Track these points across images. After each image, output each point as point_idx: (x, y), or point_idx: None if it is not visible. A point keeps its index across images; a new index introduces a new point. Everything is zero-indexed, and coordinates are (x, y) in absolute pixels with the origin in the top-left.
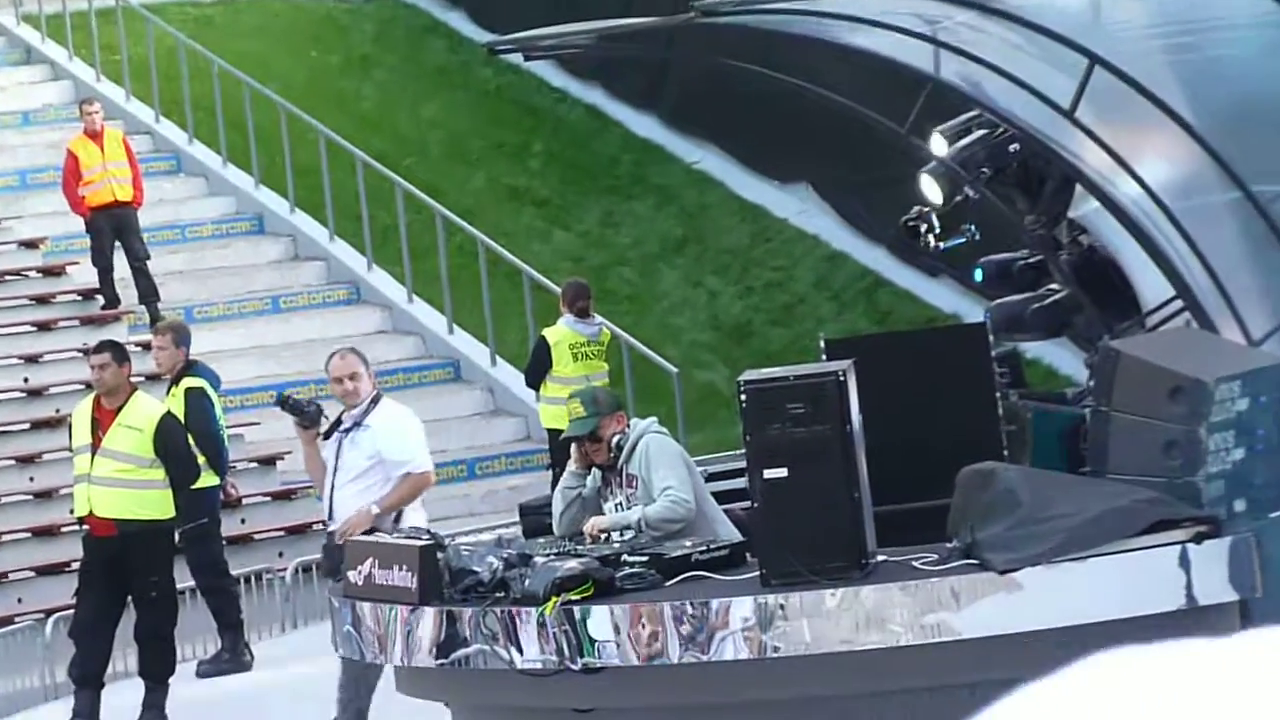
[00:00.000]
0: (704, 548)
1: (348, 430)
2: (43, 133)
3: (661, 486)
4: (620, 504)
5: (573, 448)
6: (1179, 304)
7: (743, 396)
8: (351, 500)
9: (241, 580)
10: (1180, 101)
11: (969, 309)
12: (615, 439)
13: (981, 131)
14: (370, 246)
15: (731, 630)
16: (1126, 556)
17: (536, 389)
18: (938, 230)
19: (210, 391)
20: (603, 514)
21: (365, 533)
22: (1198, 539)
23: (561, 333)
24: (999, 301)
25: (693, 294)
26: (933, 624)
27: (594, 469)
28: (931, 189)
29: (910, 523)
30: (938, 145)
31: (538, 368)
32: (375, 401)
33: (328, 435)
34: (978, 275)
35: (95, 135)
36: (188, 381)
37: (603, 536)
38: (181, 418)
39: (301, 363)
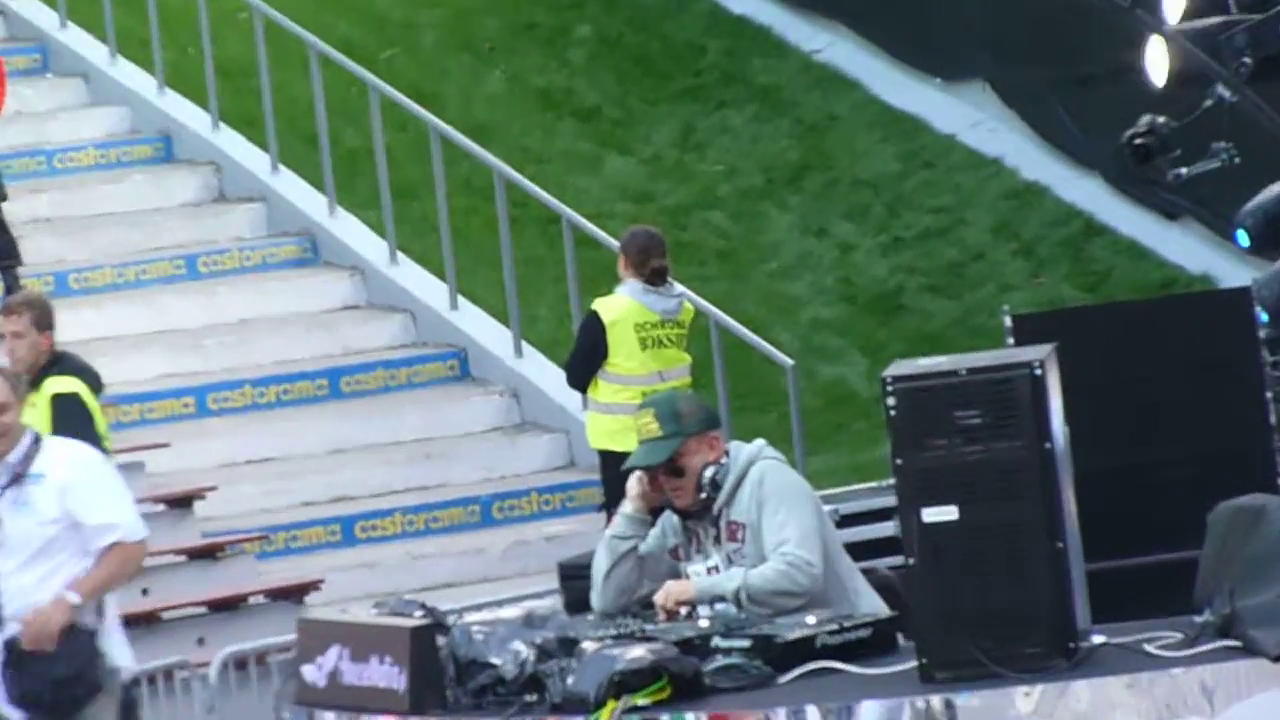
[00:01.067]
0: (834, 626)
1: (3, 488)
2: None
3: (776, 540)
4: (718, 567)
5: (633, 481)
6: None
7: (890, 400)
8: (35, 589)
9: (144, 680)
10: None
11: (1227, 268)
12: (709, 472)
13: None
14: (333, 181)
15: None
16: None
17: (584, 390)
18: (1178, 151)
19: (87, 397)
20: (682, 579)
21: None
22: None
23: (624, 307)
24: (1277, 269)
25: (815, 248)
26: None
27: (665, 515)
28: (1158, 65)
29: (1139, 585)
30: (1174, 11)
31: (587, 359)
32: (37, 444)
33: None
34: (1242, 238)
35: None
36: (54, 383)
37: (683, 611)
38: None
39: (231, 354)
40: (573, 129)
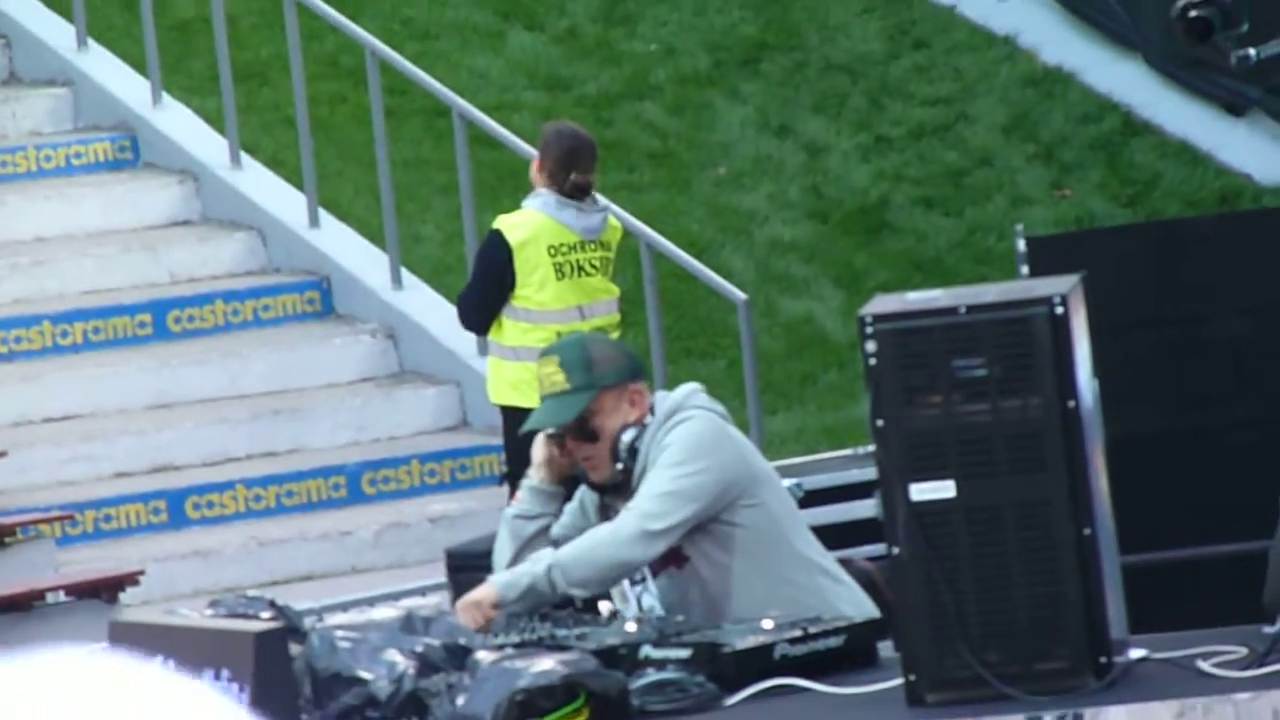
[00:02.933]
0: (798, 632)
1: None
2: None
3: (635, 499)
4: None
5: (539, 446)
6: None
7: (869, 345)
8: None
9: None
10: None
11: None
12: (627, 435)
13: None
14: (158, 61)
15: None
16: None
17: (484, 331)
18: (1245, 25)
19: None
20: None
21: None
22: None
23: (535, 224)
24: None
25: (776, 150)
26: None
27: (584, 487)
28: None
29: (1192, 585)
30: None
31: (488, 292)
32: None
33: None
34: None
35: None
36: None
37: (604, 612)
38: None
39: (26, 282)
40: None
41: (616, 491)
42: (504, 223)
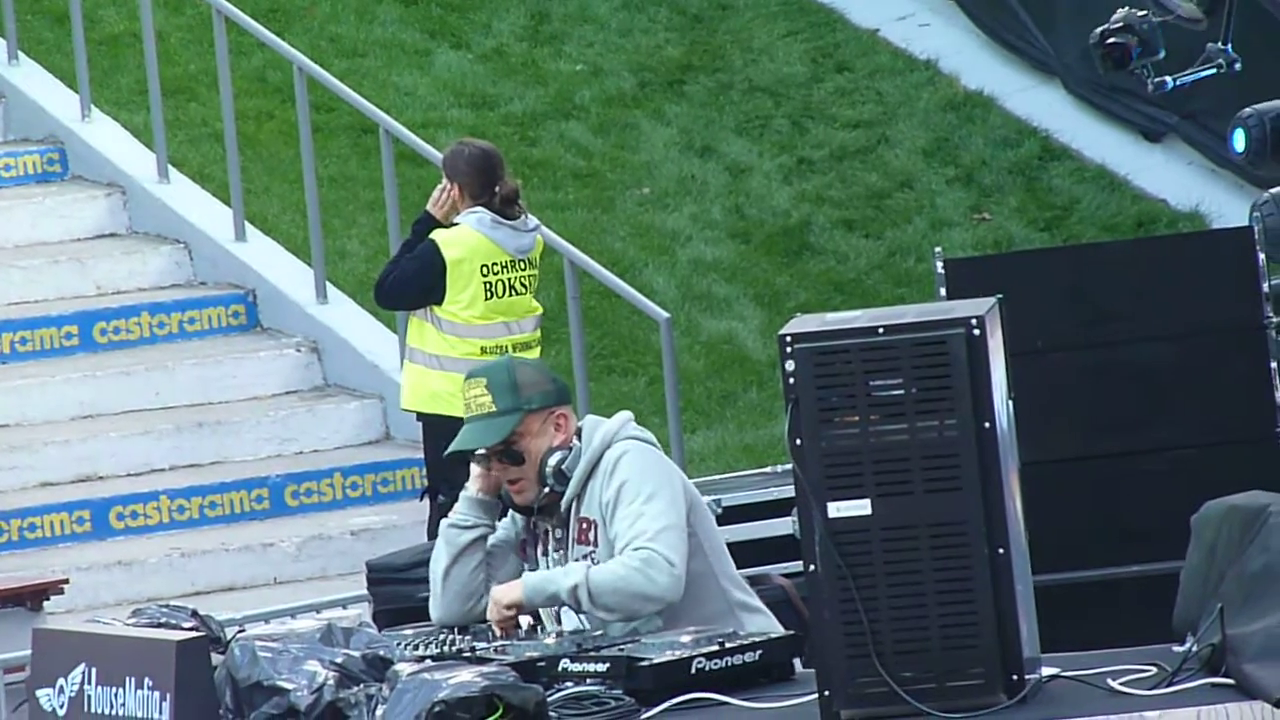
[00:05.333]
0: (714, 647)
1: None
2: None
3: (629, 534)
4: None
5: (472, 468)
6: None
7: (788, 364)
8: None
9: None
10: None
11: (1221, 201)
12: (553, 459)
13: None
14: (87, 75)
15: None
16: None
17: (394, 309)
18: (1162, 53)
19: None
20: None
21: None
22: None
23: (470, 243)
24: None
25: (699, 170)
26: None
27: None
28: None
29: (1103, 605)
30: None
31: (418, 288)
32: None
33: None
34: (1238, 141)
35: None
36: None
37: (524, 625)
38: None
39: None
40: (394, 14)
41: (544, 514)
42: (440, 237)
